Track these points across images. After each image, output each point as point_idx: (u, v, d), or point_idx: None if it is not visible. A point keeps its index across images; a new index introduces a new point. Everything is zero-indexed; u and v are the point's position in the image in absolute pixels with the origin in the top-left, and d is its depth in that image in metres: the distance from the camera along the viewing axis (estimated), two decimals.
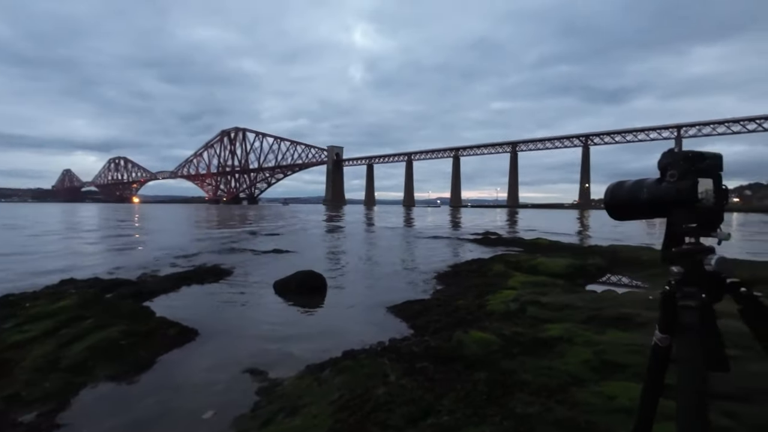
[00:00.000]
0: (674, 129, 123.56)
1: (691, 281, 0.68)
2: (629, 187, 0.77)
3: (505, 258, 8.22)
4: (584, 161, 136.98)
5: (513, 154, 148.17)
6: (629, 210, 0.78)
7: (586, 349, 2.95)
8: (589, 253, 9.25)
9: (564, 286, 5.50)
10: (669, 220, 0.72)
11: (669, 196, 0.70)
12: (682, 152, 0.69)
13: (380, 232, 19.68)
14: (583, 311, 3.79)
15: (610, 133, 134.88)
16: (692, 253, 0.69)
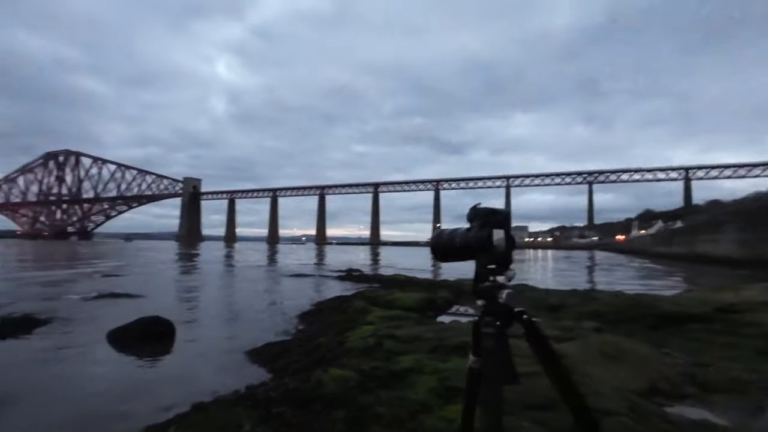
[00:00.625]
0: (504, 179, 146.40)
1: (489, 312, 0.84)
2: (447, 235, 0.93)
3: (365, 294, 8.51)
4: (435, 203, 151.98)
5: (375, 195, 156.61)
6: (447, 253, 0.94)
7: (433, 377, 3.21)
8: (438, 287, 10.14)
9: (417, 318, 5.91)
10: (476, 262, 0.89)
11: (474, 243, 0.87)
12: (481, 208, 0.87)
13: (241, 271, 18.56)
14: (431, 341, 4.12)
15: (455, 180, 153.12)
16: (490, 288, 0.85)
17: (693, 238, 38.93)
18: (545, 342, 0.88)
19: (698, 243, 36.54)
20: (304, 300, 8.95)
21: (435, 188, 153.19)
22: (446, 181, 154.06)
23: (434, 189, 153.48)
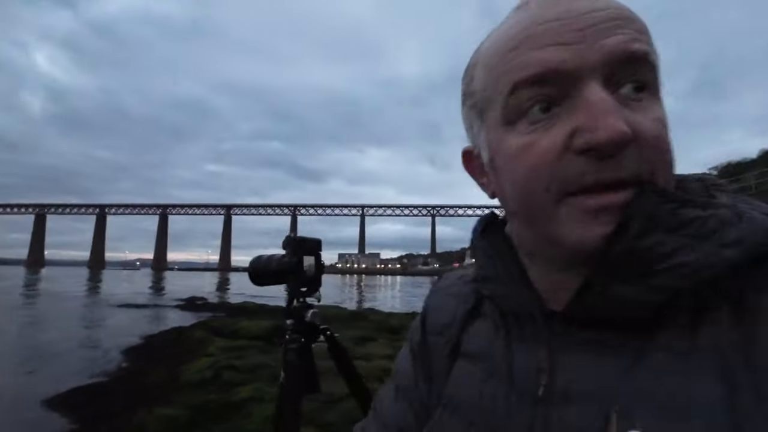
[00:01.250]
0: (359, 208, 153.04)
1: (296, 329, 0.96)
2: (265, 260, 1.03)
3: (207, 324, 7.91)
4: (293, 229, 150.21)
5: (227, 217, 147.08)
6: (264, 278, 1.03)
7: (271, 404, 3.18)
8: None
9: (261, 347, 5.74)
10: (288, 285, 1.00)
11: (287, 268, 0.98)
12: (293, 237, 0.99)
13: (51, 303, 15.27)
14: (273, 369, 4.07)
15: (313, 206, 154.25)
16: (298, 309, 0.97)
17: None
18: (345, 354, 1.03)
19: None
20: (133, 334, 7.86)
21: (292, 213, 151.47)
22: (304, 206, 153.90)
23: (291, 214, 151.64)
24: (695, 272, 0.29)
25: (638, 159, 0.30)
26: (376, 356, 4.89)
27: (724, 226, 0.30)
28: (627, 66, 0.31)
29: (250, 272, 1.03)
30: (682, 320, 0.31)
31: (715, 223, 0.30)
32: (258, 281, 1.04)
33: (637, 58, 0.31)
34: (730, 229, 0.29)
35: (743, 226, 0.29)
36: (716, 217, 0.30)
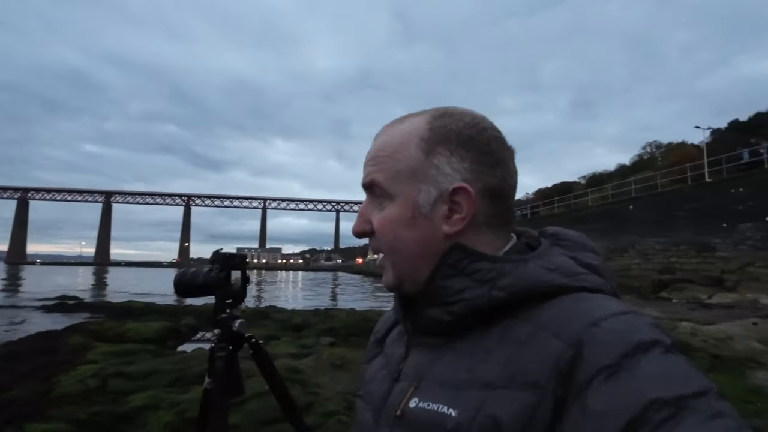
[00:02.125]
0: (261, 201, 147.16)
1: (223, 339, 1.04)
2: (191, 273, 1.08)
3: (85, 327, 7.10)
4: (185, 220, 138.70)
5: (107, 205, 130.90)
6: (190, 290, 1.08)
7: (169, 411, 3.06)
8: (182, 314, 9.40)
9: (154, 351, 5.38)
10: (215, 298, 1.07)
11: (213, 282, 1.05)
12: (222, 253, 1.06)
13: None
14: (170, 374, 3.88)
15: (210, 197, 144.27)
16: (225, 320, 1.05)
17: None
18: (270, 361, 1.13)
19: None
20: None
21: (186, 203, 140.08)
22: (200, 197, 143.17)
23: (184, 204, 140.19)
24: (471, 304, 0.46)
25: (375, 241, 0.54)
26: (280, 355, 4.89)
27: (499, 275, 0.46)
28: (368, 187, 0.54)
29: (176, 284, 1.08)
30: (475, 334, 0.47)
31: (494, 273, 0.46)
32: (183, 293, 1.09)
33: (369, 184, 0.53)
34: (503, 278, 0.46)
35: (512, 277, 0.45)
36: (497, 269, 0.46)
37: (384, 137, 0.54)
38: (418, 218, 0.50)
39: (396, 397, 0.50)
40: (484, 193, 0.50)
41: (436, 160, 0.50)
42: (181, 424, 2.91)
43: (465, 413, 0.41)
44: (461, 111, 0.53)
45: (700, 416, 0.32)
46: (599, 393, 0.35)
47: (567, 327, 0.40)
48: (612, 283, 0.50)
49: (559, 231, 0.55)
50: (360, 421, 0.58)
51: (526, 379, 0.40)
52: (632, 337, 0.37)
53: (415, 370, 0.50)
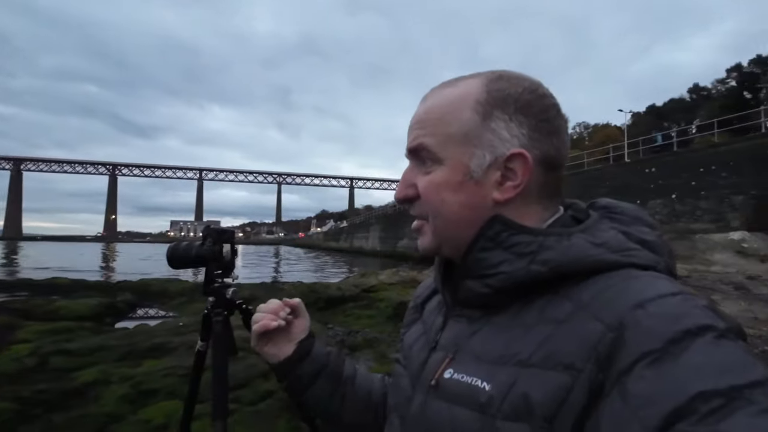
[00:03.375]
0: (197, 171, 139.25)
1: (218, 305, 1.14)
2: (184, 247, 1.16)
3: (8, 306, 6.59)
4: (111, 191, 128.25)
5: (16, 173, 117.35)
6: (183, 262, 1.17)
7: (123, 385, 3.05)
8: (118, 290, 8.95)
9: (93, 328, 5.17)
10: (207, 269, 1.16)
11: (207, 255, 1.14)
12: (215, 228, 1.15)
13: None
14: (117, 349, 3.80)
15: (140, 166, 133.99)
16: (219, 288, 1.15)
17: (353, 235, 48.67)
18: None
19: (356, 239, 45.99)
20: None
21: (111, 173, 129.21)
22: (127, 166, 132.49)
23: (110, 174, 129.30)
24: (509, 278, 0.45)
25: (418, 206, 0.52)
26: None
27: (540, 249, 0.44)
28: (415, 151, 0.52)
29: (170, 257, 1.15)
30: (514, 308, 0.46)
31: (535, 246, 0.44)
32: (177, 265, 1.17)
33: (416, 148, 0.51)
34: (544, 252, 0.44)
35: (554, 251, 0.44)
36: (537, 242, 0.45)
37: (434, 99, 0.51)
38: (467, 183, 0.48)
39: (432, 366, 0.51)
40: (540, 161, 0.48)
41: (493, 123, 0.48)
42: (137, 396, 2.92)
43: (498, 388, 0.41)
44: (519, 75, 0.51)
45: (755, 408, 0.29)
46: (641, 379, 0.33)
47: (609, 308, 0.39)
48: (667, 261, 0.47)
49: (611, 203, 0.52)
50: (397, 384, 0.59)
51: (562, 360, 0.39)
52: (681, 322, 0.35)
53: (452, 341, 0.51)
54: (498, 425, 0.40)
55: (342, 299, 7.11)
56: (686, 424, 0.30)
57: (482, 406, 0.42)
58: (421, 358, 0.54)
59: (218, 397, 1.07)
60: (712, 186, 12.06)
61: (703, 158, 12.73)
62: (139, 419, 2.54)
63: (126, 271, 16.40)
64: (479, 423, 0.41)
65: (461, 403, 0.44)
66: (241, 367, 3.11)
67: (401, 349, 0.63)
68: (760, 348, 3.99)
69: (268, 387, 2.94)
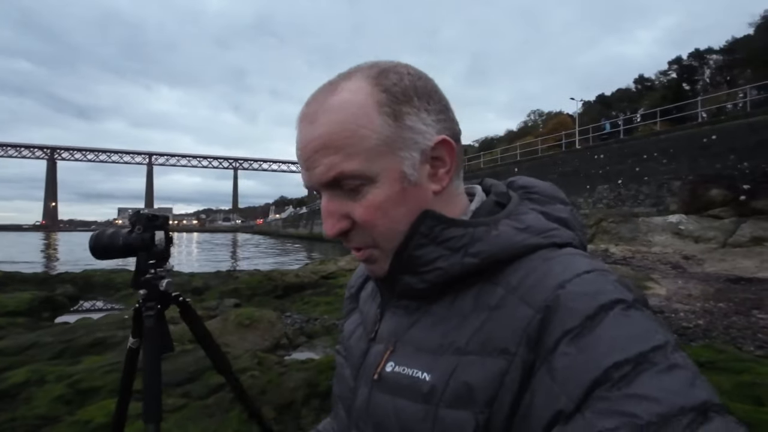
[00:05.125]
0: (146, 155, 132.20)
1: (151, 298, 1.04)
2: (109, 235, 1.05)
3: None
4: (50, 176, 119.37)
5: None
6: (109, 252, 1.06)
7: (59, 384, 2.83)
8: (58, 282, 8.37)
9: (27, 323, 4.81)
10: (137, 259, 1.06)
11: (137, 243, 1.04)
12: (145, 214, 1.05)
13: None
14: (53, 346, 3.55)
15: (81, 150, 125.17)
16: (151, 280, 1.05)
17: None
18: (197, 318, 1.16)
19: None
20: None
21: (49, 157, 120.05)
22: (67, 149, 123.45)
23: (48, 158, 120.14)
24: (446, 273, 0.46)
25: (360, 236, 0.48)
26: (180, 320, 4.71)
27: (472, 241, 0.45)
28: (333, 183, 0.46)
29: (93, 247, 1.04)
30: (449, 298, 0.47)
31: (467, 239, 0.45)
32: (101, 256, 1.06)
33: (333, 180, 0.45)
34: (475, 243, 0.45)
35: (484, 242, 0.45)
36: (469, 234, 0.46)
37: (327, 117, 0.45)
38: (408, 189, 0.46)
39: (373, 359, 0.51)
40: (454, 140, 0.49)
41: (407, 121, 0.46)
42: (75, 396, 2.73)
43: (439, 378, 0.43)
44: (395, 63, 0.49)
45: (656, 369, 0.33)
46: (564, 356, 0.36)
47: (535, 291, 0.41)
48: (580, 235, 0.50)
49: (528, 182, 0.54)
50: (340, 375, 0.59)
51: (497, 346, 0.40)
52: (596, 298, 0.38)
53: (390, 333, 0.51)
54: (441, 414, 0.41)
55: (300, 286, 7.00)
56: (603, 391, 0.33)
57: (425, 396, 0.43)
58: (361, 349, 0.55)
59: (150, 398, 0.98)
60: (654, 172, 12.80)
61: (646, 145, 13.44)
62: (78, 420, 2.37)
63: (68, 261, 15.38)
64: (423, 413, 0.42)
65: (404, 395, 0.45)
66: (191, 360, 2.98)
67: (341, 340, 0.63)
68: (694, 322, 4.30)
69: (219, 380, 2.83)
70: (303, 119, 0.47)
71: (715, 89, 26.27)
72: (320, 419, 2.64)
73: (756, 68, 22.20)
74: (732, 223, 9.78)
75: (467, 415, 0.40)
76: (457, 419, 0.40)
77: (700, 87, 30.87)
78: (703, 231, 9.91)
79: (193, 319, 1.15)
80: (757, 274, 6.87)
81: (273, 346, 3.83)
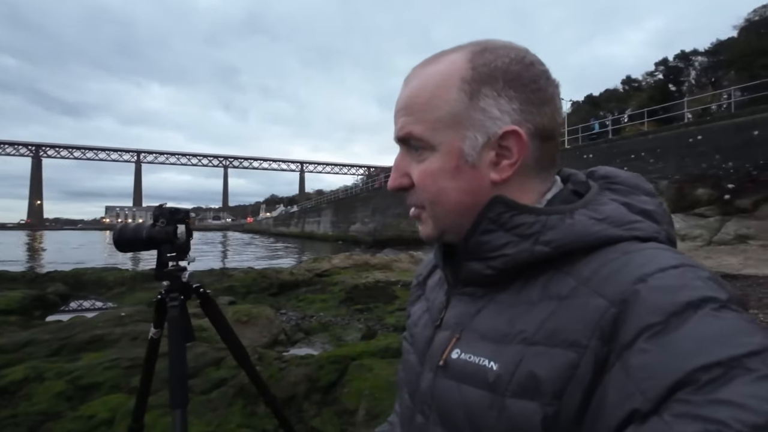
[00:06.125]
0: (135, 153, 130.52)
1: (173, 289, 1.08)
2: (133, 228, 1.09)
3: None
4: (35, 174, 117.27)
5: None
6: (133, 245, 1.09)
7: (59, 381, 2.84)
8: (48, 281, 8.28)
9: (20, 322, 4.77)
10: (159, 251, 1.09)
11: (160, 236, 1.07)
12: (166, 208, 1.08)
13: None
14: (51, 343, 3.54)
15: (68, 147, 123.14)
16: (174, 272, 1.09)
17: (304, 219, 47.96)
18: (217, 308, 1.20)
19: (307, 224, 45.38)
20: None
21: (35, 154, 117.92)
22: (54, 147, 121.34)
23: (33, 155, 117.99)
24: (513, 259, 0.45)
25: (414, 195, 0.51)
26: None
27: (544, 229, 0.44)
28: (404, 140, 0.50)
29: (117, 240, 1.07)
30: (517, 285, 0.46)
31: (538, 227, 0.44)
32: (125, 248, 1.09)
33: (404, 137, 0.49)
34: (547, 232, 0.44)
35: (557, 231, 0.43)
36: (540, 222, 0.44)
37: (417, 81, 0.49)
38: (463, 167, 0.47)
39: (439, 346, 0.51)
40: (534, 134, 0.47)
41: (482, 102, 0.46)
42: (76, 392, 2.74)
43: (505, 367, 0.42)
44: (504, 44, 0.48)
45: (752, 376, 0.30)
46: (643, 353, 0.34)
47: (611, 283, 0.39)
48: (668, 229, 0.47)
49: (610, 172, 0.52)
50: (406, 361, 0.59)
51: (567, 338, 0.39)
52: (682, 294, 0.35)
53: (456, 320, 0.51)
54: (507, 403, 0.40)
55: (295, 284, 7.02)
56: (686, 393, 0.31)
57: (491, 385, 0.42)
58: (426, 336, 0.55)
59: (176, 385, 1.02)
60: (642, 171, 12.80)
61: (634, 145, 13.67)
62: (81, 415, 2.39)
63: (57, 260, 15.17)
64: (489, 400, 0.42)
65: (470, 383, 0.44)
66: (191, 356, 2.99)
67: (408, 326, 0.63)
68: None
69: (220, 375, 2.86)
70: (404, 80, 0.51)
71: (701, 90, 26.75)
72: (321, 413, 2.67)
73: (740, 70, 22.68)
74: (717, 221, 10.01)
75: (534, 405, 0.39)
76: (525, 409, 0.39)
77: (686, 88, 31.40)
78: (689, 229, 10.12)
79: (213, 310, 1.19)
80: (741, 270, 7.05)
81: (271, 342, 3.86)
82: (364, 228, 27.11)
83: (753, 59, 20.42)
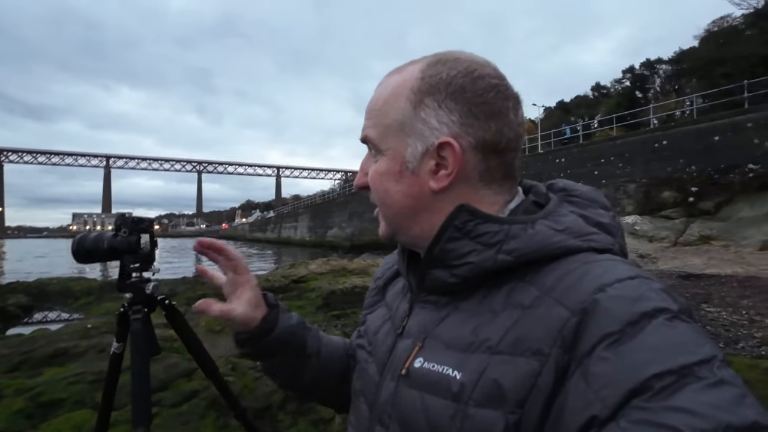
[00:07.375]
0: (104, 158, 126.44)
1: (137, 301, 1.04)
2: (93, 238, 1.05)
3: None
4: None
5: None
6: (93, 256, 1.05)
7: (19, 398, 2.70)
8: (9, 292, 7.89)
9: None
10: (121, 262, 1.05)
11: (122, 247, 1.03)
12: (130, 217, 1.05)
13: None
14: (10, 358, 3.36)
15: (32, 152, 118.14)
16: (137, 283, 1.05)
17: (281, 225, 47.41)
18: (184, 320, 1.16)
19: (284, 229, 44.88)
20: None
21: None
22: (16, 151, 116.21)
23: None
24: (477, 267, 0.45)
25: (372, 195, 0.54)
26: None
27: (507, 238, 0.45)
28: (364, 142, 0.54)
29: (75, 250, 1.03)
30: (480, 294, 0.47)
31: (502, 235, 0.45)
32: (84, 259, 1.05)
33: (363, 140, 0.53)
34: (510, 241, 0.44)
35: (519, 240, 0.44)
36: (504, 231, 0.45)
37: (380, 88, 0.52)
38: (405, 173, 0.49)
39: (401, 354, 0.51)
40: (476, 147, 0.47)
41: (423, 113, 0.48)
42: (36, 409, 2.61)
43: (469, 376, 0.42)
44: (458, 57, 0.49)
45: (702, 383, 0.31)
46: (602, 360, 0.35)
47: (572, 293, 0.40)
48: (621, 242, 0.49)
49: (569, 185, 0.54)
50: (363, 370, 0.58)
51: (530, 346, 0.40)
52: (638, 304, 0.36)
53: (419, 328, 0.51)
54: (471, 412, 0.41)
55: (271, 291, 6.89)
56: (641, 400, 0.32)
57: (454, 395, 0.42)
58: (388, 345, 0.54)
59: (140, 401, 0.98)
60: (611, 175, 13.43)
61: (603, 150, 14.09)
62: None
63: (19, 270, 14.49)
64: (452, 410, 0.42)
65: (433, 392, 0.44)
66: (161, 368, 2.90)
67: (364, 334, 0.63)
68: None
69: (192, 386, 2.78)
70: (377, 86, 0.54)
71: (665, 97, 27.89)
72: (297, 422, 2.63)
73: (700, 78, 23.72)
74: (682, 223, 10.41)
75: (497, 414, 0.39)
76: (487, 418, 0.40)
77: (652, 95, 32.61)
78: (656, 231, 10.49)
79: (180, 323, 1.16)
80: (704, 270, 7.34)
81: None
82: (342, 233, 27.01)
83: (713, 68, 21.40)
